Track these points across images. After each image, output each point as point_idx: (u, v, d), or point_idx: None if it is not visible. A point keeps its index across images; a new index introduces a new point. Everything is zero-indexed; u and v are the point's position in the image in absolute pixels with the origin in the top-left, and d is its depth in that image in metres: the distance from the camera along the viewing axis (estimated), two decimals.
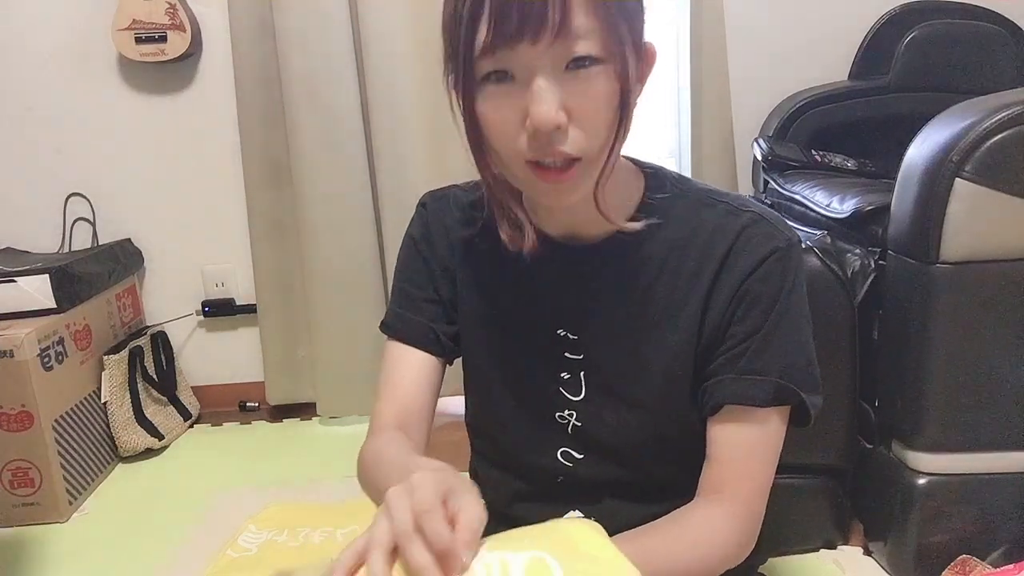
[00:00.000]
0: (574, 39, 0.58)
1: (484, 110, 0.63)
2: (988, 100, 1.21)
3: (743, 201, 0.74)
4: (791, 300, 0.71)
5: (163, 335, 2.19)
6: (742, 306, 0.71)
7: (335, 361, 2.06)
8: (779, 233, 0.72)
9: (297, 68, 1.90)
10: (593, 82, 0.60)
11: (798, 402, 0.72)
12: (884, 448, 1.34)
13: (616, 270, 0.75)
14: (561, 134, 0.61)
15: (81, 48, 2.07)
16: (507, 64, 0.60)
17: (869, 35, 2.03)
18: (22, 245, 2.15)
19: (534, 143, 0.61)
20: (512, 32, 0.58)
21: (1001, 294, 1.19)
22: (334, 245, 1.99)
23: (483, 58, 0.60)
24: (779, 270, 0.71)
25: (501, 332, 0.81)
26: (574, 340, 0.77)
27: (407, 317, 0.84)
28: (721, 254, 0.72)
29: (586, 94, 0.61)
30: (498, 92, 0.61)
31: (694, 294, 0.73)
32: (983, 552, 1.25)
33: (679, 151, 2.18)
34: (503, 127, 0.62)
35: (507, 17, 0.57)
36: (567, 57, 0.59)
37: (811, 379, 0.73)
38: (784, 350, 0.71)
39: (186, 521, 1.68)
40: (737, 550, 0.72)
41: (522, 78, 0.60)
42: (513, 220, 0.71)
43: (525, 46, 0.58)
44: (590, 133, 0.62)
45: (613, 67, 0.61)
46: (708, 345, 0.73)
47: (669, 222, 0.74)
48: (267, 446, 2.09)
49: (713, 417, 0.73)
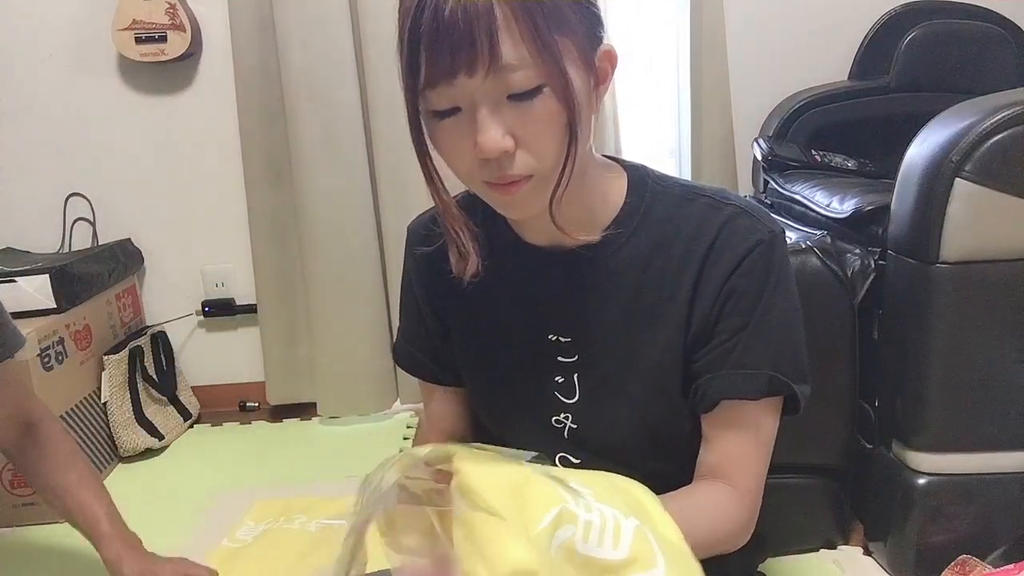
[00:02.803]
0: (509, 71, 0.59)
1: (439, 140, 0.66)
2: (988, 100, 1.21)
3: (724, 195, 0.75)
4: (777, 292, 0.72)
5: (163, 335, 2.19)
6: (729, 301, 0.72)
7: (335, 361, 2.06)
8: (761, 225, 0.72)
9: (297, 67, 1.90)
10: (536, 107, 0.61)
11: (789, 393, 0.74)
12: (884, 448, 1.34)
13: (602, 272, 0.75)
14: (509, 158, 0.63)
15: (81, 48, 2.07)
16: (452, 98, 0.62)
17: (869, 35, 2.03)
18: (22, 245, 2.15)
19: (485, 168, 0.64)
20: (447, 67, 0.59)
21: (1001, 294, 1.19)
22: (334, 245, 1.99)
23: (428, 91, 0.62)
24: (763, 263, 0.72)
25: (493, 342, 0.82)
26: (566, 344, 0.77)
27: (414, 355, 0.89)
28: (704, 248, 0.73)
29: (530, 120, 0.62)
30: (449, 125, 0.64)
31: (681, 289, 0.73)
32: (983, 552, 1.25)
33: (679, 151, 2.18)
34: (457, 154, 0.65)
35: (440, 53, 0.59)
36: (506, 90, 0.60)
37: (801, 369, 0.74)
38: (773, 342, 0.73)
39: (186, 521, 1.68)
40: (740, 528, 0.74)
41: (467, 109, 0.62)
42: (460, 248, 0.72)
43: (463, 79, 0.60)
44: (539, 155, 0.63)
45: (555, 89, 0.61)
46: (697, 338, 0.74)
47: (651, 221, 0.75)
48: (267, 446, 2.08)
49: (708, 413, 0.74)
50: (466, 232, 0.71)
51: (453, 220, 0.71)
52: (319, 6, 1.88)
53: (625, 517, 0.52)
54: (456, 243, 0.72)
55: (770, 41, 2.06)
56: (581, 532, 0.50)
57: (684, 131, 2.12)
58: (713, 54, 1.97)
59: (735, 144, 2.02)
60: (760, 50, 2.06)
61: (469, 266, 0.72)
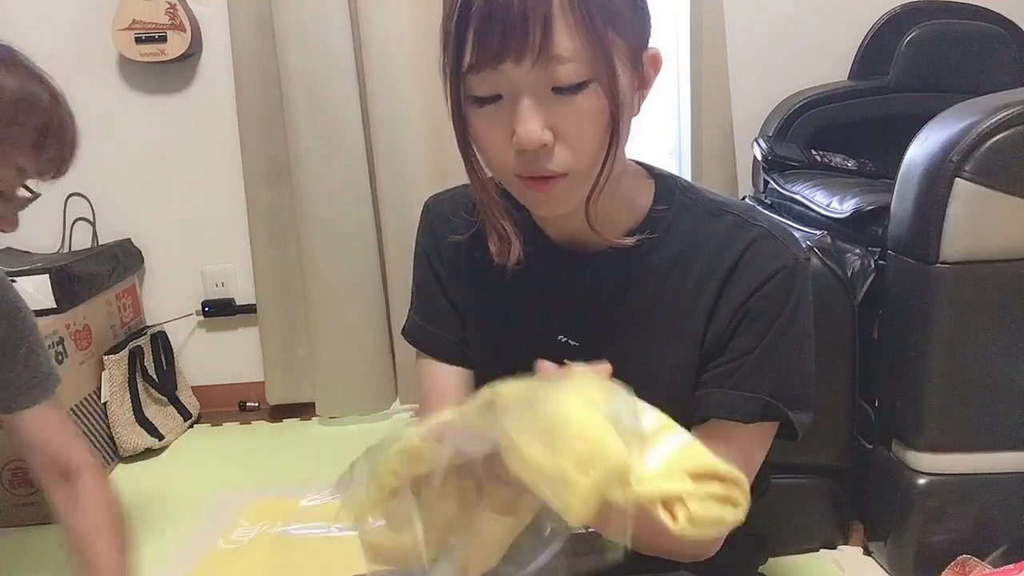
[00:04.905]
0: (557, 62, 0.58)
1: (475, 127, 0.64)
2: (988, 100, 1.21)
3: (752, 213, 0.74)
4: (793, 319, 0.71)
5: (163, 335, 2.19)
6: (744, 322, 0.71)
7: (335, 361, 2.06)
8: (786, 251, 0.71)
9: (297, 67, 1.90)
10: (580, 103, 0.60)
11: (785, 420, 0.72)
12: (884, 448, 1.34)
13: (618, 279, 0.74)
14: (547, 152, 0.61)
15: (81, 48, 2.07)
16: (495, 84, 0.60)
17: (869, 35, 2.03)
18: (22, 245, 2.15)
19: (521, 160, 0.62)
20: (495, 52, 0.58)
21: (1001, 294, 1.19)
22: (334, 245, 1.99)
23: (471, 76, 0.61)
24: (783, 289, 0.70)
25: (502, 336, 0.81)
26: (575, 347, 0.76)
27: (428, 330, 0.85)
28: (727, 268, 0.71)
29: (573, 114, 0.60)
30: (488, 111, 0.62)
31: (698, 307, 0.72)
32: (983, 552, 1.25)
33: (679, 151, 2.18)
34: (493, 143, 0.63)
35: (490, 37, 0.58)
36: (551, 81, 0.59)
37: (802, 398, 0.73)
38: (778, 369, 0.71)
39: (186, 521, 1.68)
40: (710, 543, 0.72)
41: (509, 97, 0.60)
42: (501, 233, 0.71)
43: (509, 66, 0.58)
44: (577, 152, 0.62)
45: (602, 86, 0.60)
46: (708, 354, 0.73)
47: (674, 233, 0.73)
48: (267, 446, 2.09)
49: (699, 428, 0.73)
50: (508, 219, 0.70)
51: (495, 206, 0.70)
52: (319, 6, 1.88)
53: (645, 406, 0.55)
54: (497, 229, 0.71)
55: (770, 41, 2.06)
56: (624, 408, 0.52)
57: (684, 131, 2.12)
58: (713, 54, 1.97)
59: (735, 144, 2.02)
60: (760, 50, 2.05)
61: (513, 251, 0.70)
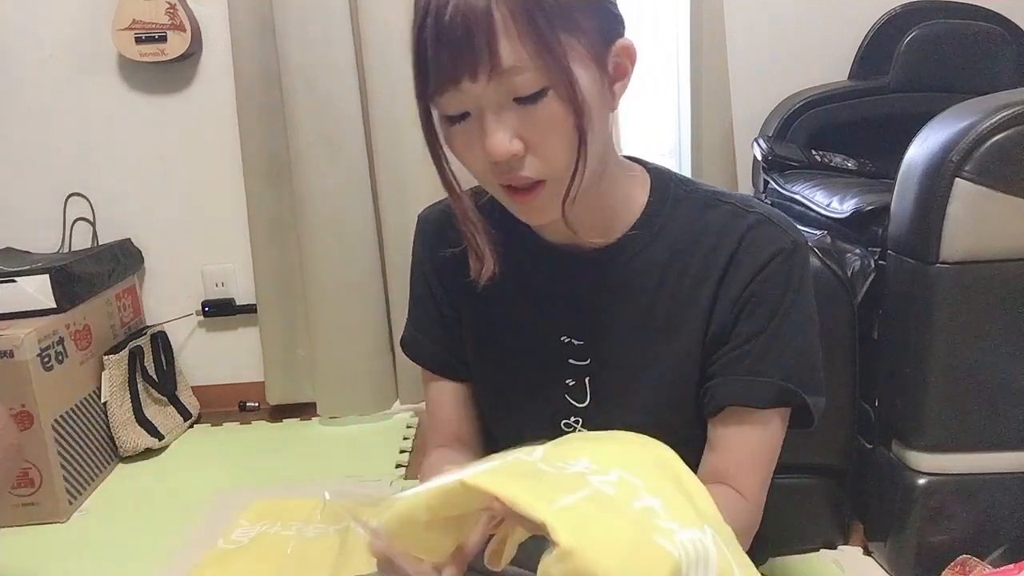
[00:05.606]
0: (512, 74, 0.59)
1: (454, 144, 0.66)
2: (988, 100, 1.21)
3: (748, 202, 0.74)
4: (796, 302, 0.72)
5: (163, 335, 2.19)
6: (747, 308, 0.71)
7: (335, 361, 2.06)
8: (784, 235, 0.72)
9: (297, 67, 1.90)
10: (542, 110, 0.61)
11: (800, 404, 0.73)
12: (884, 448, 1.34)
13: (619, 275, 0.75)
14: (519, 161, 0.63)
15: (81, 48, 2.07)
16: (460, 103, 0.62)
17: (869, 35, 2.03)
18: (22, 245, 2.15)
19: (496, 171, 0.64)
20: (450, 72, 0.60)
21: (1001, 294, 1.19)
22: (334, 245, 1.99)
23: (437, 98, 0.63)
24: (784, 272, 0.71)
25: (505, 340, 0.81)
26: (579, 346, 0.77)
27: (424, 343, 0.86)
28: (726, 256, 0.72)
29: (537, 123, 0.62)
30: (461, 129, 0.64)
31: (700, 297, 0.73)
32: (983, 552, 1.25)
33: (679, 151, 2.18)
34: (472, 158, 0.65)
35: (443, 59, 0.60)
36: (511, 93, 0.60)
37: (814, 381, 0.73)
38: (788, 352, 0.72)
39: (186, 521, 1.68)
40: (743, 529, 0.73)
41: (476, 114, 0.62)
42: (477, 251, 0.72)
43: (467, 84, 0.60)
44: (548, 159, 0.63)
45: (558, 92, 0.61)
46: (713, 342, 0.73)
47: (672, 226, 0.74)
48: (267, 446, 2.08)
49: (715, 417, 0.74)
50: (484, 236, 0.72)
51: (471, 225, 0.71)
52: (319, 6, 1.88)
53: (638, 479, 0.52)
54: (474, 247, 0.72)
55: (770, 41, 2.06)
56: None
57: (684, 131, 2.12)
58: (713, 54, 1.97)
59: (735, 144, 2.02)
60: (760, 50, 2.06)
61: (485, 269, 0.72)
